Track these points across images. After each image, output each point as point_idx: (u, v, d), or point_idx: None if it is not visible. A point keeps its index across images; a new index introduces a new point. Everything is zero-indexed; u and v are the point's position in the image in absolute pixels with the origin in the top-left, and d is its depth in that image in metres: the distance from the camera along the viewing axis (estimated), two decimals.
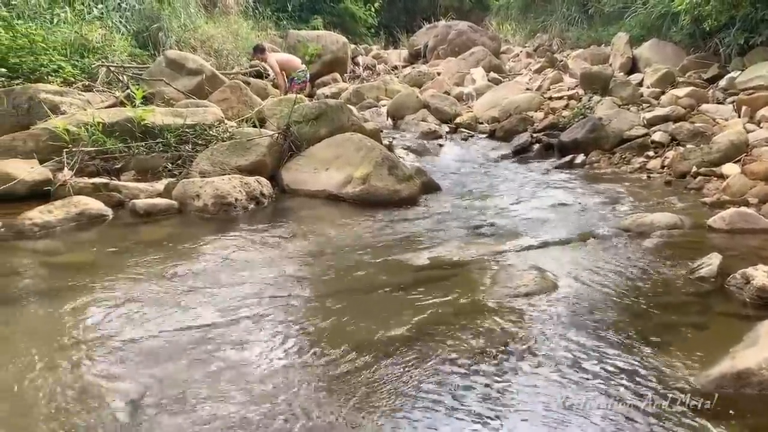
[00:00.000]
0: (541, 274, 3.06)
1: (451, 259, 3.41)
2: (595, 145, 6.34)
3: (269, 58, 9.67)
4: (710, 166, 5.19)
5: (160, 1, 10.65)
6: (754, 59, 7.74)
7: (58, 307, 2.80)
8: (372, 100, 9.65)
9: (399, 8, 25.77)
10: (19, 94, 5.86)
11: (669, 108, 6.60)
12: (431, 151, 6.76)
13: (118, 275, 3.20)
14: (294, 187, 5.10)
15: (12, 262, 3.45)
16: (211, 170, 5.01)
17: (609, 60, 11.55)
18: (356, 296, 2.93)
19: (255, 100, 6.98)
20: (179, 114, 5.89)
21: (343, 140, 5.27)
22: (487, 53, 11.78)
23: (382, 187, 4.74)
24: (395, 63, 15.23)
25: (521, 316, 2.65)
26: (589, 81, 7.92)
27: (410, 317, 2.66)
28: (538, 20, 17.58)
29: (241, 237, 3.90)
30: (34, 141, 5.22)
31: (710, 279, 3.04)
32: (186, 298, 2.91)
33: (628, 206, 4.55)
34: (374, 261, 3.41)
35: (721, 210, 4.31)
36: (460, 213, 4.47)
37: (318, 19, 19.95)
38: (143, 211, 4.38)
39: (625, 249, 3.56)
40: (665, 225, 3.91)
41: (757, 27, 7.88)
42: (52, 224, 4.06)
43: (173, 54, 7.70)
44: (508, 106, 7.93)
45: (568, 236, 3.82)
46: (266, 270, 3.30)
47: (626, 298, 2.85)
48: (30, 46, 8.13)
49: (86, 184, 4.77)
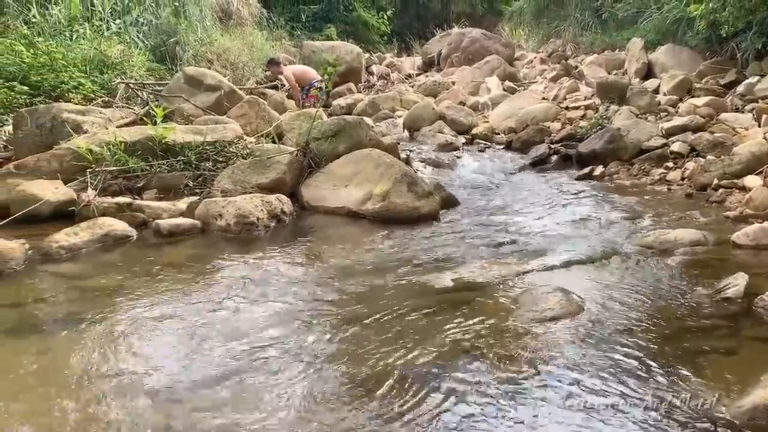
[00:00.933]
0: (566, 297, 3.06)
1: (474, 280, 3.42)
2: (614, 156, 6.32)
3: (285, 71, 9.76)
4: (732, 178, 5.15)
5: (177, 16, 10.77)
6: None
7: (89, 336, 2.84)
8: (388, 111, 9.68)
9: (411, 15, 25.82)
10: (43, 113, 5.95)
11: (688, 117, 6.57)
12: (448, 164, 6.77)
13: (146, 302, 3.24)
14: (314, 204, 5.13)
15: (42, 288, 3.52)
16: (233, 189, 5.06)
17: (624, 65, 11.51)
18: (380, 322, 2.94)
19: (273, 115, 7.04)
20: (199, 131, 5.95)
21: (362, 157, 5.30)
22: (502, 62, 11.78)
23: (401, 204, 4.76)
24: (409, 71, 15.26)
25: (548, 342, 2.66)
26: (605, 90, 7.90)
27: (435, 343, 2.67)
28: (551, 25, 17.54)
29: (264, 259, 3.93)
30: (58, 161, 5.30)
31: (737, 300, 3.03)
32: (211, 325, 2.95)
33: (649, 221, 4.54)
34: (397, 283, 3.43)
35: (744, 224, 4.29)
36: (480, 230, 4.48)
37: (331, 28, 20.05)
38: (167, 231, 4.42)
39: (649, 268, 3.55)
40: (689, 242, 3.89)
41: None
42: (78, 246, 4.12)
43: (192, 70, 7.78)
44: (525, 116, 7.92)
45: (591, 254, 3.82)
46: (288, 294, 3.33)
47: (652, 322, 2.84)
48: (51, 63, 8.26)
49: (110, 204, 4.83)
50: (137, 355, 2.67)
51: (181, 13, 10.95)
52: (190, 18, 11.10)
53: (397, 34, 24.40)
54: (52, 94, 7.99)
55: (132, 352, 2.70)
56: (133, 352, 2.69)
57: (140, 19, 10.70)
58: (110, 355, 2.67)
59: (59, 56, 8.40)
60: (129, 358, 2.65)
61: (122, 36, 10.13)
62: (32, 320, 3.09)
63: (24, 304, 3.29)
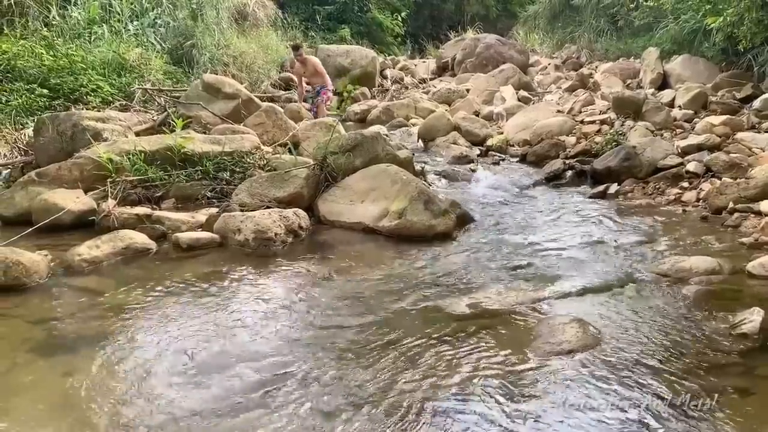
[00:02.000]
0: (582, 328, 3.09)
1: (490, 307, 3.46)
2: (629, 174, 6.32)
3: (311, 58, 9.70)
4: (747, 203, 5.14)
5: (194, 18, 10.85)
6: None
7: (112, 357, 2.92)
8: (402, 119, 9.73)
9: (425, 17, 25.83)
10: (64, 120, 6.05)
11: (704, 136, 6.56)
12: (463, 177, 6.80)
13: (166, 321, 3.34)
14: (330, 218, 5.18)
15: (66, 303, 3.60)
16: (250, 202, 5.12)
17: (639, 75, 11.49)
18: (396, 349, 2.99)
19: (290, 125, 7.09)
20: (217, 141, 6.02)
21: (379, 172, 5.34)
22: (516, 71, 11.78)
23: (417, 222, 4.80)
24: (423, 75, 15.29)
25: (564, 378, 2.69)
26: (621, 105, 7.90)
27: (451, 375, 2.72)
28: (566, 31, 17.48)
29: (280, 278, 4.00)
30: (79, 170, 5.39)
31: (753, 336, 3.05)
32: (228, 349, 3.03)
33: (664, 245, 4.55)
34: (413, 308, 3.48)
35: (759, 252, 4.31)
36: (496, 251, 4.51)
37: (345, 29, 20.11)
38: (186, 245, 4.49)
39: (664, 298, 3.57)
40: (704, 270, 3.91)
41: None
42: (99, 259, 4.20)
43: (210, 78, 7.85)
44: (540, 130, 7.93)
45: (606, 281, 3.84)
46: (303, 316, 3.41)
47: (668, 358, 2.86)
48: (70, 66, 8.36)
49: (129, 215, 4.90)
50: (158, 378, 2.74)
51: (198, 15, 11.02)
52: (206, 20, 11.17)
53: (410, 35, 24.42)
54: (71, 97, 8.12)
55: (153, 374, 2.78)
56: (155, 375, 2.77)
57: (158, 20, 10.79)
58: (132, 378, 2.74)
59: (78, 59, 8.51)
60: (150, 381, 2.72)
61: (139, 38, 10.22)
62: (57, 338, 3.17)
63: (49, 320, 3.37)
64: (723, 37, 8.56)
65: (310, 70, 9.59)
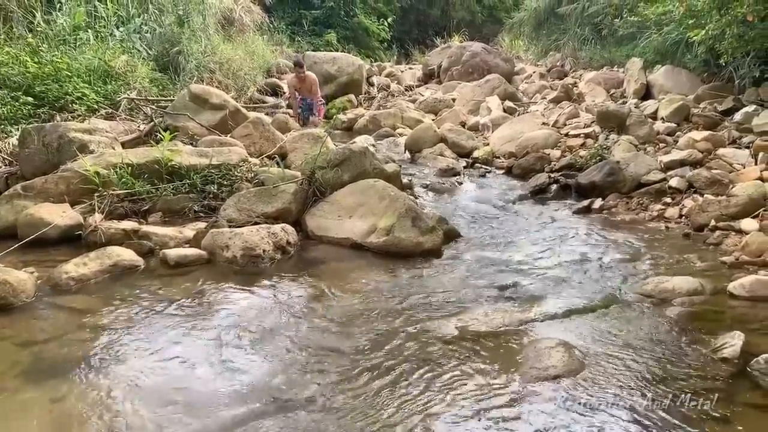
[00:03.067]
0: (568, 352, 3.15)
1: (478, 329, 3.50)
2: (613, 189, 6.42)
3: (311, 76, 9.90)
4: (729, 220, 5.24)
5: (180, 25, 10.80)
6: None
7: (100, 382, 2.93)
8: (389, 129, 9.77)
9: (411, 22, 25.91)
10: (50, 132, 6.01)
11: (686, 152, 6.66)
12: (450, 190, 6.85)
13: (154, 343, 3.35)
14: (318, 233, 5.20)
15: (53, 324, 3.58)
16: (238, 217, 5.12)
17: (623, 85, 11.64)
18: (383, 372, 3.03)
19: (277, 136, 7.10)
20: (205, 154, 6.02)
21: (367, 187, 5.37)
22: (502, 81, 11.87)
23: (405, 239, 4.84)
24: (409, 82, 15.35)
25: (550, 403, 2.75)
26: (605, 119, 8.00)
27: (438, 402, 2.76)
28: (551, 38, 17.63)
29: (268, 297, 4.01)
30: (65, 183, 5.35)
31: (733, 360, 3.12)
32: (214, 372, 3.05)
33: (648, 264, 4.63)
34: (402, 330, 3.50)
35: (740, 271, 4.40)
36: (482, 269, 4.56)
37: (332, 34, 20.12)
38: (174, 262, 4.48)
39: (648, 320, 3.64)
40: (686, 291, 3.98)
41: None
42: (87, 277, 4.18)
43: (197, 89, 7.83)
44: (525, 142, 8.01)
45: (591, 302, 3.90)
46: (291, 338, 3.43)
47: (650, 383, 2.92)
48: (55, 73, 8.28)
49: (117, 230, 4.89)
50: (146, 402, 2.76)
51: (185, 21, 10.98)
52: (193, 27, 11.13)
53: (397, 40, 24.49)
54: (56, 105, 8.03)
55: (141, 399, 2.79)
56: (143, 400, 2.78)
57: (144, 27, 10.72)
58: (120, 403, 2.76)
59: (63, 66, 8.43)
60: (138, 406, 2.73)
61: (125, 44, 10.15)
62: (46, 361, 3.15)
63: (37, 343, 3.35)
64: (705, 49, 8.68)
65: (306, 87, 9.77)
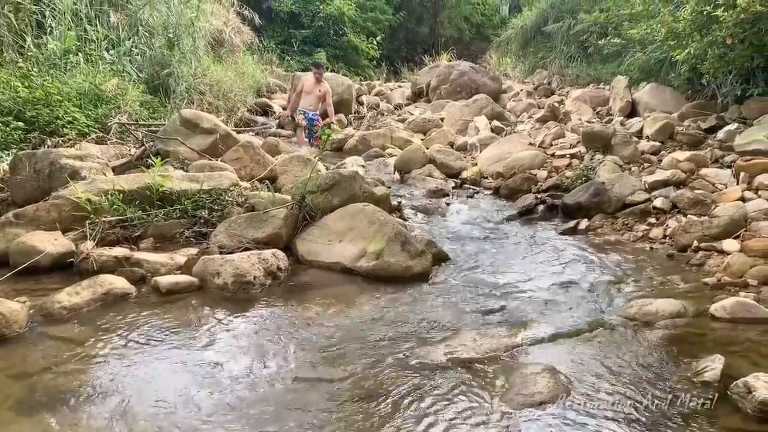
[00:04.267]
0: (553, 378, 3.22)
1: (466, 355, 3.56)
2: (598, 209, 6.54)
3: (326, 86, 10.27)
4: (711, 241, 5.35)
5: (171, 47, 10.89)
6: (750, 107, 7.97)
7: (94, 415, 2.96)
8: (378, 149, 9.88)
9: (400, 40, 26.21)
10: (41, 158, 6.04)
11: (670, 172, 6.80)
12: (439, 211, 6.94)
13: (146, 373, 3.37)
14: (308, 258, 5.26)
15: (46, 355, 3.59)
16: (229, 243, 5.18)
17: (609, 102, 11.83)
18: (373, 402, 3.07)
19: (267, 159, 7.17)
20: (196, 179, 6.08)
21: (356, 212, 5.45)
22: (490, 101, 12.04)
23: (395, 263, 4.91)
24: (398, 101, 15.51)
25: (536, 431, 2.81)
26: (590, 139, 8.14)
27: (426, 429, 2.82)
28: (538, 56, 17.90)
29: (259, 325, 4.05)
30: (56, 211, 5.39)
31: (714, 384, 3.20)
32: (206, 400, 3.08)
33: (632, 286, 4.73)
34: (391, 358, 3.56)
35: (722, 292, 4.51)
36: (470, 293, 4.63)
37: (321, 53, 20.33)
38: (165, 289, 4.52)
39: (631, 343, 3.72)
40: (669, 314, 4.08)
41: (753, 76, 8.07)
42: (80, 306, 4.21)
43: (188, 113, 7.90)
44: (513, 163, 8.14)
45: (576, 326, 3.99)
46: (282, 367, 3.47)
47: (633, 408, 2.99)
48: (45, 97, 8.34)
49: (108, 257, 4.92)
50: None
51: (175, 44, 11.07)
52: (183, 49, 11.22)
53: (386, 58, 24.75)
54: (46, 129, 8.08)
55: (133, 429, 2.83)
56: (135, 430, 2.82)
57: (134, 49, 10.80)
58: None
59: (54, 90, 8.49)
60: None
61: (115, 66, 10.23)
62: (39, 394, 3.17)
63: (29, 375, 3.37)
64: (688, 68, 8.85)
65: (318, 96, 10.06)
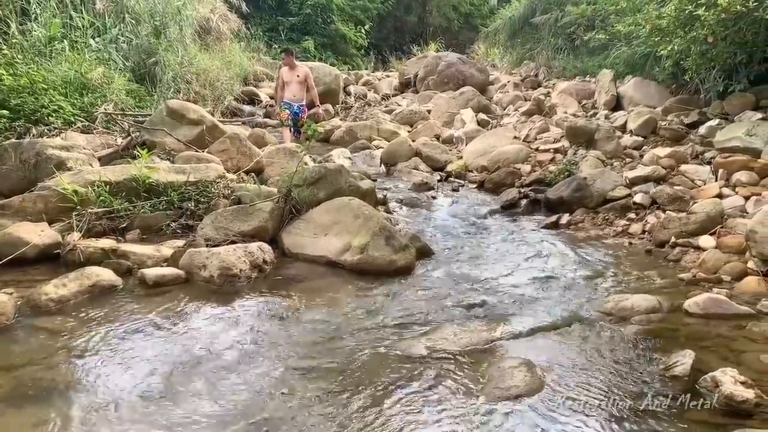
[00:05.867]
0: (530, 372, 3.33)
1: (446, 348, 3.66)
2: (580, 204, 6.65)
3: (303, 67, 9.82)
4: (688, 237, 5.48)
5: (157, 36, 10.84)
6: (732, 103, 8.09)
7: (80, 405, 3.03)
8: (365, 141, 9.94)
9: (389, 29, 26.14)
10: (27, 149, 6.05)
11: (650, 168, 6.92)
12: (424, 204, 7.03)
13: (133, 365, 3.45)
14: (294, 251, 5.33)
15: (34, 347, 3.65)
16: (215, 236, 5.24)
17: (594, 96, 11.94)
18: (354, 393, 3.17)
19: (254, 151, 7.21)
20: (182, 170, 6.11)
21: (342, 206, 5.52)
22: (476, 93, 12.11)
23: (379, 257, 4.99)
24: (386, 91, 15.53)
25: (512, 423, 2.92)
26: (574, 134, 8.25)
27: (405, 422, 2.91)
28: (525, 47, 17.95)
29: (244, 317, 4.13)
30: (43, 202, 5.41)
31: (684, 378, 3.32)
32: (192, 392, 3.17)
33: (610, 281, 4.85)
34: (373, 350, 3.65)
35: (696, 288, 4.64)
36: (452, 287, 4.73)
37: (309, 41, 20.26)
38: (152, 281, 4.58)
39: (606, 338, 3.84)
40: (644, 309, 4.20)
41: (736, 72, 8.19)
42: (67, 298, 4.26)
43: (175, 104, 7.91)
44: (497, 157, 8.24)
45: (554, 320, 4.10)
46: (265, 359, 3.55)
47: (606, 402, 3.10)
48: (31, 86, 8.30)
49: (95, 249, 4.96)
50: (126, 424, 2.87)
51: (161, 32, 11.01)
52: (169, 37, 11.17)
53: (374, 46, 24.69)
54: (31, 118, 8.05)
55: (121, 420, 2.91)
56: (122, 421, 2.90)
57: (120, 37, 10.74)
58: (101, 426, 2.86)
59: (39, 79, 8.44)
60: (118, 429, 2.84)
61: (101, 54, 10.17)
62: (27, 386, 3.23)
63: (18, 366, 3.43)
64: (672, 63, 8.94)
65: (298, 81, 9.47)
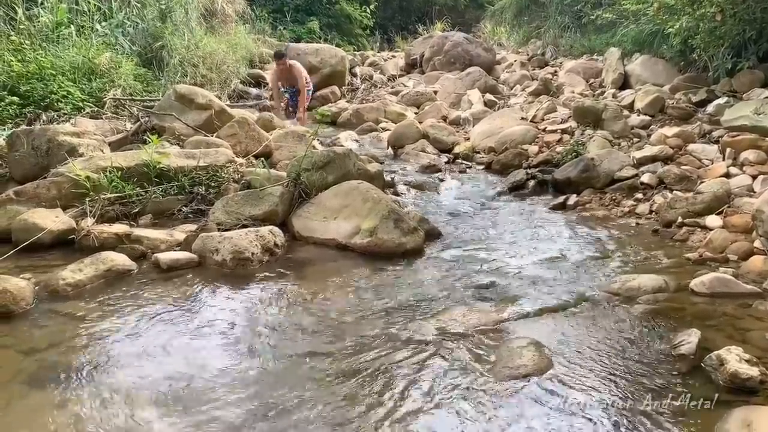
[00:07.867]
0: (538, 351, 3.40)
1: (456, 330, 3.73)
2: (587, 185, 6.69)
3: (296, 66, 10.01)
4: (695, 217, 5.51)
5: (163, 19, 10.84)
6: (740, 80, 8.08)
7: (101, 388, 3.11)
8: (372, 123, 9.96)
9: (394, 8, 25.95)
10: (39, 135, 6.12)
11: (658, 148, 6.93)
12: (431, 187, 7.08)
13: (150, 349, 3.52)
14: (304, 234, 5.40)
15: (53, 331, 3.74)
16: (227, 220, 5.31)
17: (601, 74, 11.89)
18: (365, 376, 3.22)
19: (262, 135, 7.26)
20: (192, 155, 6.18)
21: (350, 189, 5.58)
22: (483, 74, 12.08)
23: (388, 240, 5.06)
24: (392, 72, 15.49)
25: (520, 402, 3.00)
26: (581, 114, 8.25)
27: (415, 402, 2.98)
28: (532, 26, 17.81)
29: (257, 300, 4.21)
30: (57, 188, 5.50)
31: (689, 357, 3.37)
32: (207, 374, 3.24)
33: (618, 261, 4.90)
34: (383, 332, 3.72)
35: (703, 268, 4.69)
36: (461, 268, 4.80)
37: (314, 21, 20.16)
38: (166, 266, 4.67)
39: (614, 318, 3.90)
40: (651, 289, 4.25)
41: (745, 49, 8.14)
42: (83, 283, 4.36)
43: (183, 89, 7.94)
44: (504, 138, 8.25)
45: (562, 300, 4.16)
46: (279, 344, 3.60)
47: (612, 380, 3.17)
48: (39, 72, 8.35)
49: (109, 234, 5.05)
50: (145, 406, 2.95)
51: (167, 16, 11.02)
52: (175, 20, 11.17)
53: (379, 26, 24.55)
54: (41, 104, 8.12)
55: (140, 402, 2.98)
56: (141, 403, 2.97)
57: (126, 21, 10.76)
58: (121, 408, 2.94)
59: (48, 64, 8.49)
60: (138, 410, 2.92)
61: (108, 38, 10.20)
62: (49, 368, 3.32)
63: (39, 350, 3.52)
64: (680, 40, 8.90)
65: (291, 78, 10.00)
